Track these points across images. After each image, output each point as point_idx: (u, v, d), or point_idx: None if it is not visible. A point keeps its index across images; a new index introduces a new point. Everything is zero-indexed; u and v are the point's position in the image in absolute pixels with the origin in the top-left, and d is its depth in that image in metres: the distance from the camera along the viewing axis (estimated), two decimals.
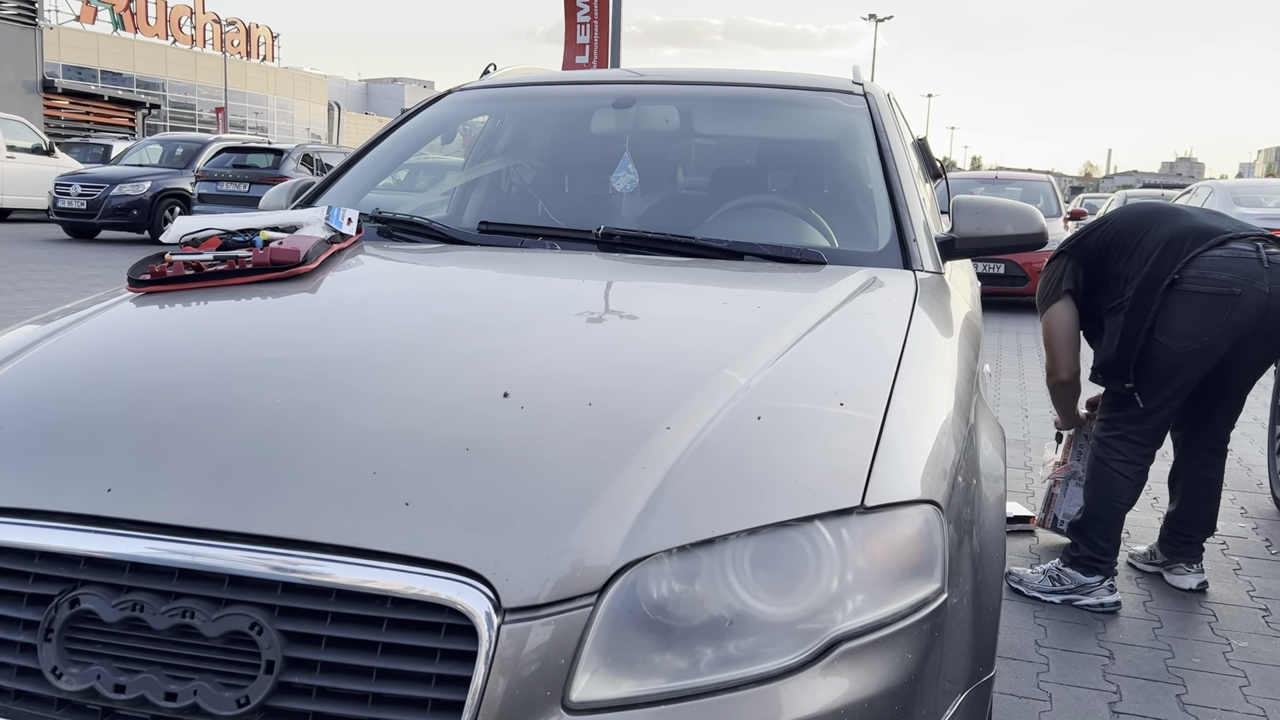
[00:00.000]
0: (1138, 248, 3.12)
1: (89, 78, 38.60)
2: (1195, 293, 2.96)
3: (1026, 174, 15.14)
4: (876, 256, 2.25)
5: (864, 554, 1.23)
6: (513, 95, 3.08)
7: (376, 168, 2.80)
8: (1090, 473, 3.23)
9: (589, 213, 2.56)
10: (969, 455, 1.54)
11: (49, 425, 1.38)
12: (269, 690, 1.12)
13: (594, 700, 1.12)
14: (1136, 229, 3.16)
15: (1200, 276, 2.96)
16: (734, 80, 2.95)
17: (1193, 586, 3.33)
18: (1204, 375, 3.06)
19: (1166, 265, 3.01)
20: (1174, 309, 2.98)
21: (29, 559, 1.22)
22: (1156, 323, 3.00)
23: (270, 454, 1.27)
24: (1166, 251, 3.03)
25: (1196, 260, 2.97)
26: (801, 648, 1.17)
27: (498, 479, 1.22)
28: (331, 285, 1.95)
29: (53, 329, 1.75)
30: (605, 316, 1.79)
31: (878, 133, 2.60)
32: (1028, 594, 3.23)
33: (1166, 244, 3.04)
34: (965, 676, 1.36)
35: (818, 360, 1.61)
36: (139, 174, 15.74)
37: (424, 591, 1.12)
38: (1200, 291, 2.96)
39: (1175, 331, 2.98)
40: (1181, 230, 3.06)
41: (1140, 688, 2.66)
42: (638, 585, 1.16)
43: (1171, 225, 3.09)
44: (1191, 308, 2.97)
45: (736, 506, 1.22)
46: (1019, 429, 5.62)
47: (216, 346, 1.62)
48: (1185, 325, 2.97)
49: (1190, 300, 2.97)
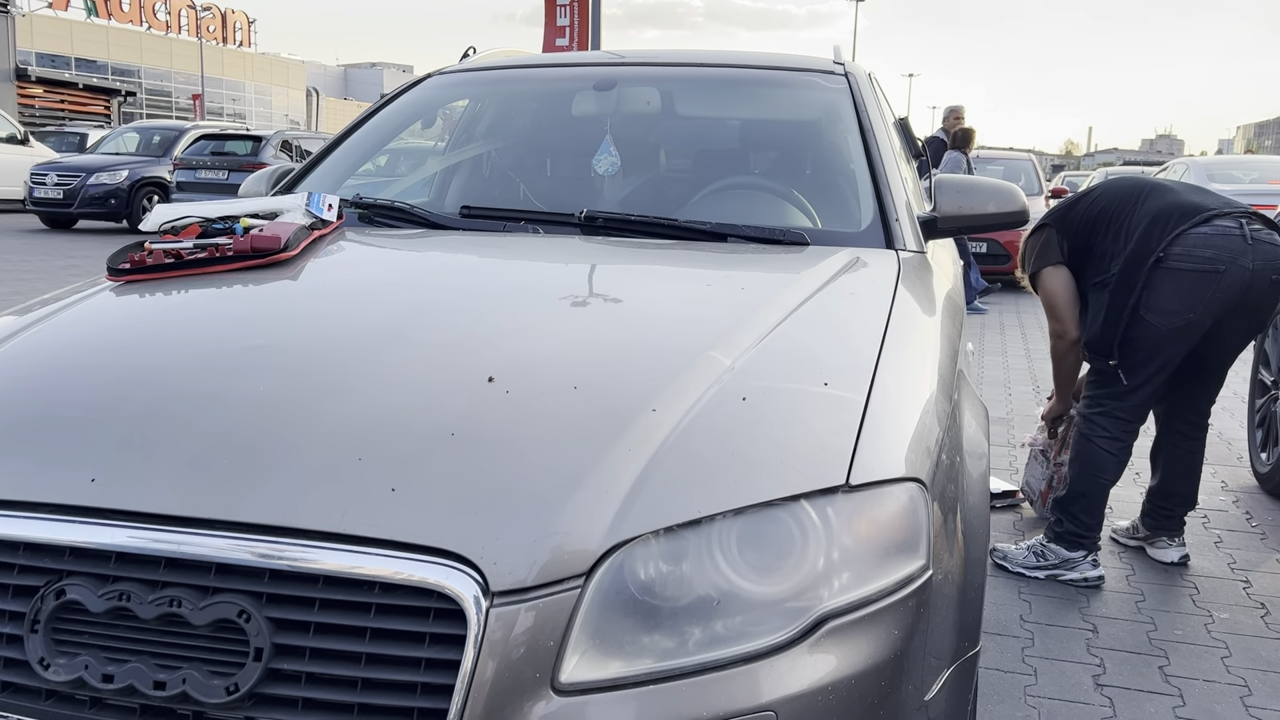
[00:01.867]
0: (1123, 224, 3.13)
1: (63, 65, 38.16)
2: (1180, 270, 2.98)
3: (1008, 153, 15.17)
4: (859, 236, 2.25)
5: (850, 532, 1.23)
6: (493, 79, 3.06)
7: (357, 153, 2.78)
8: (1075, 449, 3.25)
9: (571, 196, 2.56)
10: (953, 433, 1.55)
11: (31, 416, 1.37)
12: (258, 677, 1.12)
13: (583, 681, 1.13)
14: (1121, 205, 3.18)
15: (1185, 254, 2.98)
16: (715, 61, 2.94)
17: (1175, 560, 3.37)
18: (1188, 351, 3.08)
19: (1151, 243, 3.02)
20: (1159, 286, 3.01)
21: (13, 550, 1.21)
22: (1142, 300, 3.03)
23: (255, 441, 1.26)
24: (1151, 229, 3.04)
25: (1181, 238, 2.99)
26: (788, 626, 1.18)
27: (484, 463, 1.22)
28: (313, 272, 1.94)
29: (32, 319, 1.73)
30: (589, 300, 1.79)
31: (859, 112, 2.60)
32: (1012, 569, 3.26)
33: (1151, 221, 3.06)
34: (951, 652, 1.38)
35: (802, 341, 1.61)
36: (116, 163, 15.58)
37: (411, 576, 1.12)
38: (1185, 269, 2.98)
39: (1160, 308, 3.01)
40: (1166, 207, 3.07)
41: (1124, 660, 2.69)
42: (625, 567, 1.17)
43: (1156, 201, 3.11)
44: (1176, 285, 2.99)
45: (722, 487, 1.22)
46: (1003, 407, 5.66)
47: (198, 335, 1.61)
48: (1170, 302, 2.99)
49: (1175, 277, 2.99)
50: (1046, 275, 3.36)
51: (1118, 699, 2.49)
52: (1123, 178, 3.41)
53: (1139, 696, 2.51)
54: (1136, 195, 3.18)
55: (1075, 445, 3.25)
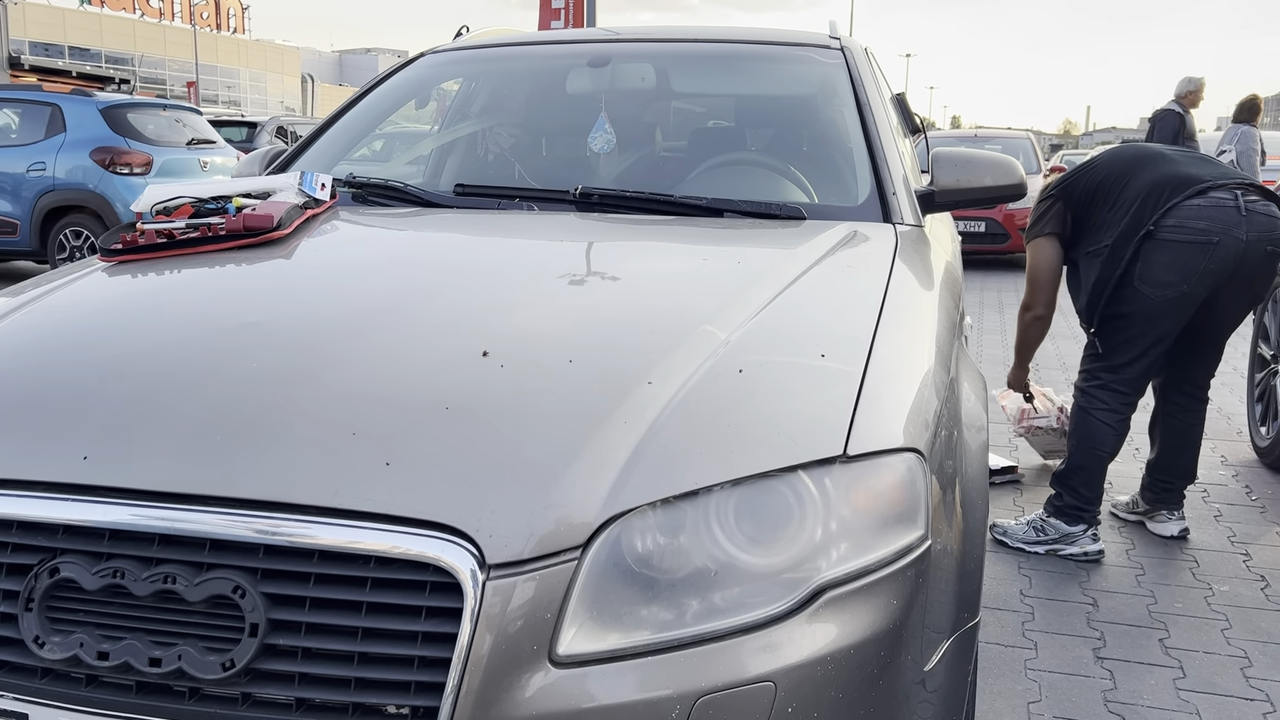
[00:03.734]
0: (1121, 195, 3.12)
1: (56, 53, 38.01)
2: (1173, 241, 2.97)
3: (1006, 132, 15.12)
4: (856, 211, 2.24)
5: (847, 502, 1.23)
6: (487, 56, 3.04)
7: (350, 133, 2.76)
8: (1073, 423, 3.24)
9: (566, 173, 2.54)
10: (951, 405, 1.54)
11: (23, 394, 1.36)
12: (254, 653, 1.11)
13: (581, 653, 1.12)
14: (1120, 175, 3.16)
15: (1178, 226, 2.97)
16: (710, 37, 2.91)
17: (1174, 534, 3.37)
18: (1184, 323, 3.07)
19: (1144, 215, 3.02)
20: (1152, 258, 3.00)
21: (7, 529, 1.21)
22: (1135, 272, 3.02)
23: (249, 417, 1.26)
24: (1146, 201, 3.03)
25: (1175, 209, 2.98)
26: (787, 596, 1.17)
27: (479, 437, 1.22)
28: (306, 250, 1.92)
29: (23, 300, 1.72)
30: (585, 276, 1.78)
31: (855, 87, 2.58)
32: (1012, 545, 3.26)
33: (1147, 193, 3.04)
34: (950, 623, 1.37)
35: (798, 314, 1.60)
36: None
37: (408, 550, 1.12)
38: (1178, 240, 2.97)
39: (1154, 280, 3.00)
40: (1162, 178, 3.06)
41: (1124, 633, 2.69)
42: (622, 539, 1.16)
43: (1153, 172, 3.09)
44: (1170, 256, 2.98)
45: (719, 458, 1.22)
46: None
47: (191, 313, 1.60)
48: (1163, 274, 2.99)
49: (1168, 249, 2.98)
50: (1036, 245, 3.37)
51: (1118, 671, 2.49)
52: (1123, 147, 3.40)
53: (1139, 669, 2.51)
54: (1135, 165, 3.16)
55: (1073, 419, 3.25)
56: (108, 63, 41.22)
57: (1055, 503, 3.25)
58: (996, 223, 10.98)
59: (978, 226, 10.89)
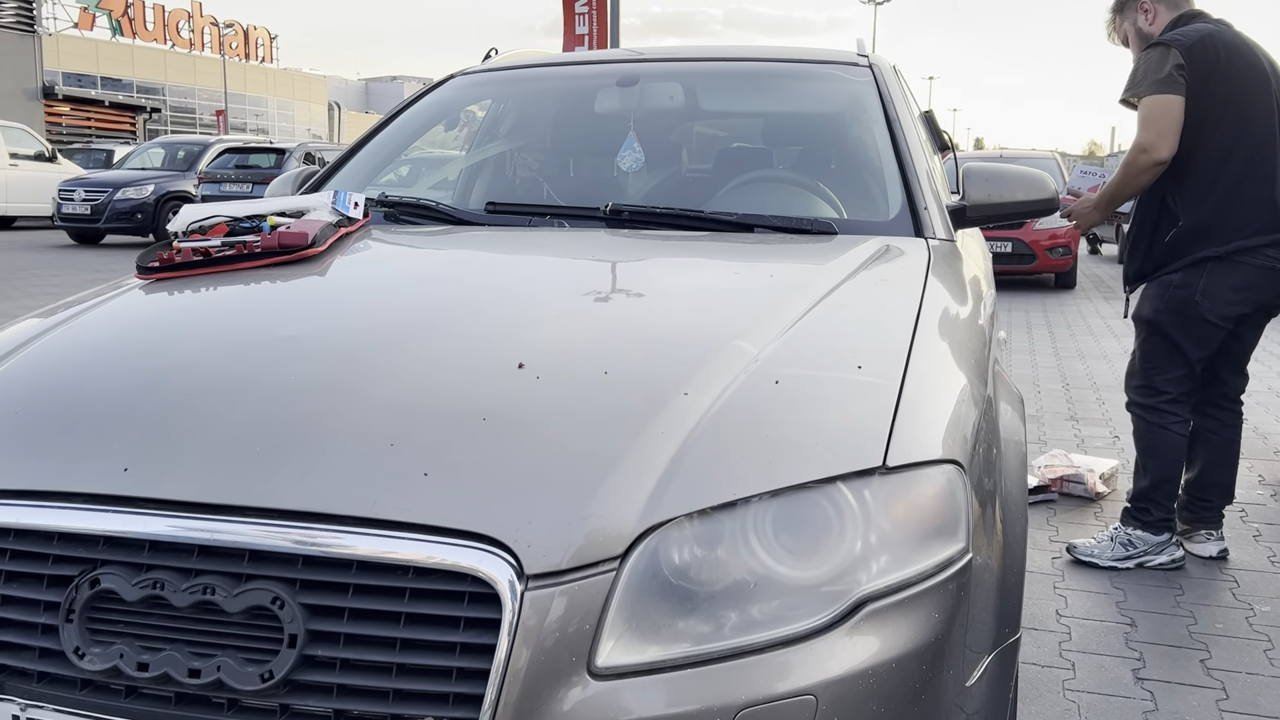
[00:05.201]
0: (1224, 140, 3.00)
1: (89, 84, 38.63)
2: (1246, 265, 3.04)
3: (1031, 152, 15.07)
4: (888, 225, 2.23)
5: (887, 514, 1.21)
6: (516, 78, 3.06)
7: (381, 154, 2.78)
8: (1148, 441, 3.24)
9: (596, 191, 2.55)
10: (989, 417, 1.52)
11: (64, 408, 1.37)
12: (292, 664, 1.11)
13: (619, 665, 1.11)
14: (1241, 108, 3.00)
15: (1256, 255, 3.03)
16: (738, 55, 2.92)
17: (1214, 554, 3.31)
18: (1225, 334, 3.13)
19: (1228, 229, 3.01)
20: (1219, 276, 3.05)
21: (48, 540, 1.21)
22: (1199, 285, 3.06)
23: (287, 429, 1.26)
24: (1239, 207, 3.01)
25: (1257, 250, 3.02)
26: (827, 609, 1.16)
27: (516, 447, 1.21)
28: (341, 267, 1.94)
29: (62, 318, 1.74)
30: (617, 290, 1.78)
31: (884, 103, 2.58)
32: (1103, 565, 3.22)
33: (1242, 203, 3.01)
34: (991, 639, 1.35)
35: (833, 326, 1.59)
36: (142, 177, 15.76)
37: (445, 560, 1.11)
38: (1248, 264, 3.04)
39: (1218, 298, 3.06)
40: (1263, 200, 3.02)
41: (1164, 654, 2.65)
42: (660, 550, 1.15)
43: (1258, 168, 3.02)
44: (1238, 280, 3.05)
45: (757, 469, 1.21)
46: (1032, 404, 5.60)
47: (229, 327, 1.61)
48: (1228, 294, 3.06)
49: (1238, 272, 3.04)
50: (1161, 99, 3.01)
51: (1159, 692, 2.45)
52: (1247, 52, 3.07)
53: (1181, 690, 2.46)
54: (1252, 112, 3.02)
55: (1146, 439, 3.24)
56: (139, 92, 41.88)
57: (1141, 518, 3.24)
58: (1023, 243, 10.92)
59: (1004, 247, 10.83)
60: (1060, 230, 10.83)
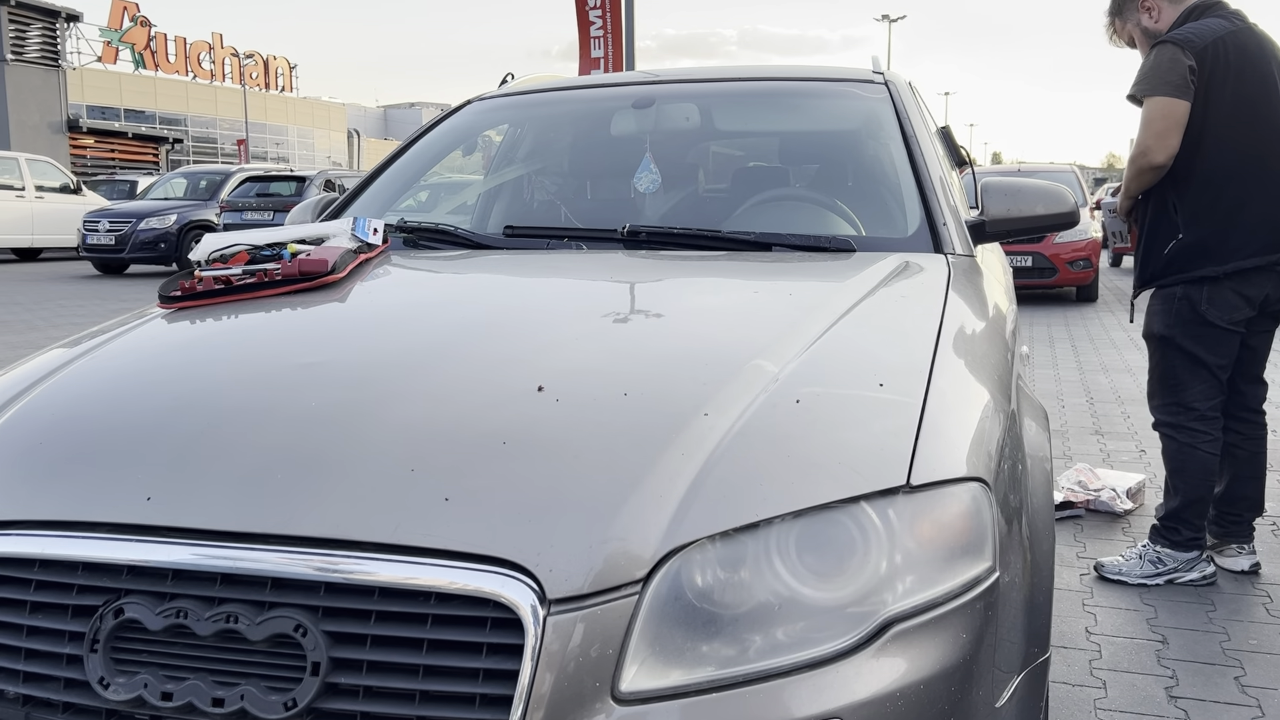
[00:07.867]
0: (1229, 155, 2.97)
1: (112, 116, 39.21)
2: (1246, 270, 3.02)
3: (1050, 166, 15.00)
4: (907, 242, 2.22)
5: (912, 534, 1.20)
6: (532, 101, 3.08)
7: (400, 180, 2.80)
8: (1178, 461, 3.19)
9: (613, 213, 2.55)
10: (1013, 434, 1.51)
11: (86, 438, 1.38)
12: (316, 692, 1.11)
13: (644, 690, 1.10)
14: (1249, 121, 2.97)
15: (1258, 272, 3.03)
16: (753, 75, 2.93)
17: (1245, 568, 3.26)
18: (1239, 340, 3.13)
19: (1231, 245, 2.99)
20: (1225, 283, 3.03)
21: (72, 570, 1.22)
22: (1202, 296, 3.05)
23: (308, 455, 1.26)
24: (1243, 219, 2.99)
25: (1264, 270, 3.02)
26: (853, 631, 1.15)
27: (536, 470, 1.21)
28: (361, 293, 1.95)
29: (85, 348, 1.75)
30: (636, 311, 1.78)
31: (901, 119, 2.57)
32: (1133, 583, 3.18)
33: (1244, 217, 2.99)
34: (1020, 659, 1.33)
35: (854, 344, 1.58)
36: (165, 207, 15.95)
37: (467, 586, 1.11)
38: (1250, 267, 3.02)
39: (1224, 305, 3.04)
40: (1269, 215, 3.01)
41: (1197, 671, 2.60)
42: (682, 572, 1.14)
43: (1265, 187, 3.00)
44: (1241, 284, 3.04)
45: (779, 490, 1.20)
46: (1056, 419, 5.55)
47: (250, 354, 1.62)
48: (1233, 300, 3.04)
49: (1241, 278, 3.03)
50: (1164, 100, 2.96)
51: (1193, 711, 2.41)
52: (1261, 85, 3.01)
53: (1216, 708, 2.42)
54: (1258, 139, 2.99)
55: (1175, 458, 3.20)
56: (161, 123, 42.45)
57: (1172, 536, 3.20)
58: (1044, 257, 10.86)
59: (1024, 261, 10.77)
60: (1081, 243, 10.77)
